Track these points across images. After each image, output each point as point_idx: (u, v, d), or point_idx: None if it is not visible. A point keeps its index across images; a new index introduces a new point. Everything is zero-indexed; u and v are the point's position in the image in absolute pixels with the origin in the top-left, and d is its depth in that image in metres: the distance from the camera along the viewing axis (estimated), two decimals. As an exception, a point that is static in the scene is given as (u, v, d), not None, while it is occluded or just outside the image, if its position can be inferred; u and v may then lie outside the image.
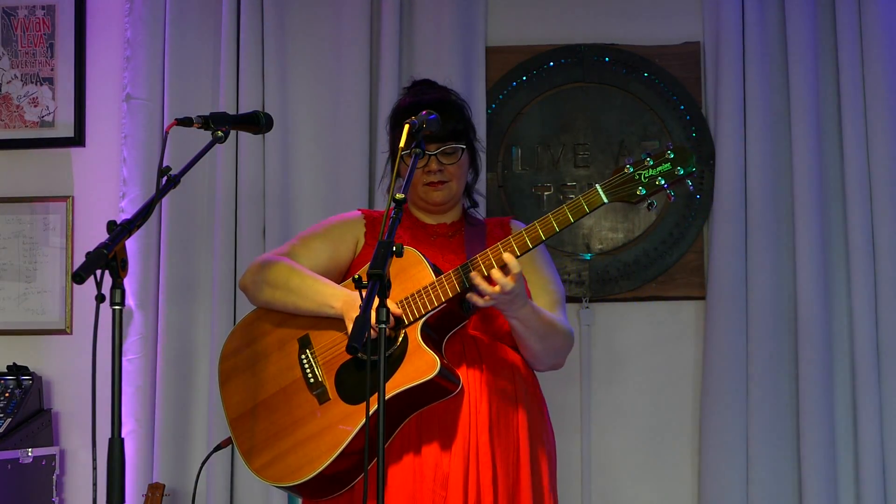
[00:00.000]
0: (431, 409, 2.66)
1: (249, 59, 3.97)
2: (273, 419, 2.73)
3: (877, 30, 3.78)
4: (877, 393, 3.72)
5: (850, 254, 3.77)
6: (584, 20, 4.03)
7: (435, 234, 2.89)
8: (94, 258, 2.07)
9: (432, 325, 2.65)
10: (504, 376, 2.74)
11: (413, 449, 2.67)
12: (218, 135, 2.48)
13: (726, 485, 3.75)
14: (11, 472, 3.72)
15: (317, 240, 2.91)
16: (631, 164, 2.59)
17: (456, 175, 2.85)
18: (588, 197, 2.59)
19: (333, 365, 2.70)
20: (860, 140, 3.78)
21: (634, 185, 2.58)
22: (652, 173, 2.58)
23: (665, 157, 2.58)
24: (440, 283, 2.62)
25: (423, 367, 2.57)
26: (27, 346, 4.10)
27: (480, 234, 2.90)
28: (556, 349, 2.81)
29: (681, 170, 2.57)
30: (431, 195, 2.84)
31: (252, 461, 2.74)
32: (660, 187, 2.58)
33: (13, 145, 4.18)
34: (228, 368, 2.85)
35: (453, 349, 2.71)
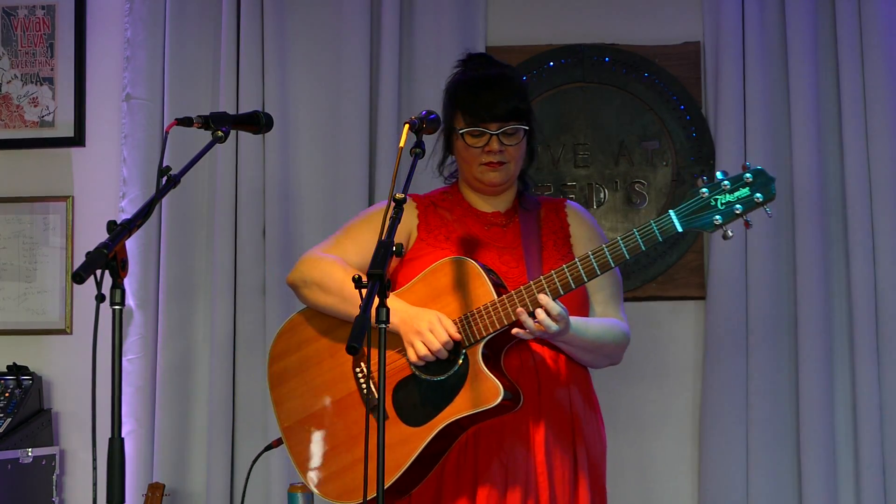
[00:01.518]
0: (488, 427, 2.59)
1: (249, 59, 3.97)
2: (329, 432, 2.66)
3: (877, 30, 3.78)
4: (877, 393, 3.72)
5: (850, 252, 3.77)
6: (584, 20, 4.03)
7: (489, 224, 2.77)
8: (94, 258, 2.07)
9: (492, 343, 2.56)
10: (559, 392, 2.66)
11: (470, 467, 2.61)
12: (218, 135, 2.48)
13: (726, 485, 3.75)
14: (11, 472, 3.72)
15: (365, 231, 2.76)
16: (706, 185, 2.42)
17: (515, 157, 2.72)
18: (661, 223, 2.44)
19: (391, 381, 2.60)
20: (860, 140, 3.78)
21: (710, 212, 2.40)
22: (729, 199, 2.39)
23: (743, 180, 2.39)
24: (503, 305, 2.52)
25: (486, 394, 2.49)
26: (27, 346, 4.10)
27: (535, 221, 2.77)
28: (606, 355, 2.75)
29: (760, 196, 2.38)
30: (488, 175, 2.71)
31: (308, 475, 2.67)
32: (737, 215, 2.39)
33: (13, 145, 4.18)
34: (279, 371, 2.76)
35: (510, 363, 2.62)
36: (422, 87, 3.97)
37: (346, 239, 2.78)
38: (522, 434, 2.60)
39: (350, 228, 2.82)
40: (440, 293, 2.60)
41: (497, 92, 2.69)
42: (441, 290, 2.61)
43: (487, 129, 2.67)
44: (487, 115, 2.66)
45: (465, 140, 2.70)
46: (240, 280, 3.95)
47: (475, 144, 2.69)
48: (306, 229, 3.99)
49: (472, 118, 2.68)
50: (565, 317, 2.51)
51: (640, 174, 3.95)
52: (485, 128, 2.67)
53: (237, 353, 3.94)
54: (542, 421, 2.62)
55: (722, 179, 2.40)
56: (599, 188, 3.96)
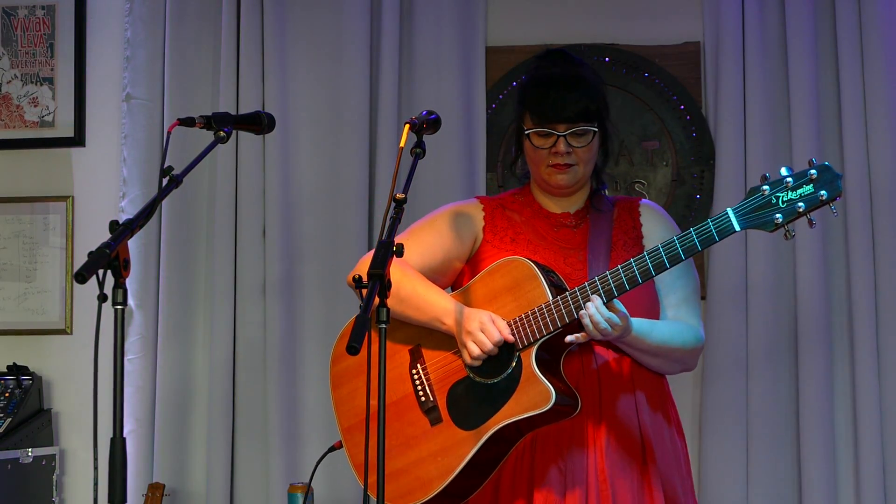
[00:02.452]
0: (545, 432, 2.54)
1: (249, 59, 3.97)
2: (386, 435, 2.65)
3: (877, 29, 3.78)
4: (877, 393, 3.72)
5: (850, 252, 3.77)
6: (584, 20, 4.03)
7: (559, 225, 2.69)
8: (96, 258, 2.06)
9: (547, 346, 2.50)
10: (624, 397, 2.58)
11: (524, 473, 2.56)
12: (220, 135, 2.47)
13: (726, 485, 3.75)
14: (11, 472, 3.72)
15: (431, 234, 2.71)
16: (768, 182, 2.32)
17: (584, 159, 2.63)
18: (718, 223, 2.35)
19: (446, 383, 2.57)
20: (860, 140, 3.78)
21: (771, 210, 2.31)
22: (791, 196, 2.30)
23: (808, 177, 2.29)
24: (556, 306, 2.46)
25: (538, 399, 2.44)
26: (27, 346, 4.10)
27: (607, 222, 2.69)
28: (676, 360, 2.64)
29: (825, 193, 2.28)
30: (555, 178, 2.64)
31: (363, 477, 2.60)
32: (800, 214, 2.30)
33: (13, 145, 4.18)
34: (339, 373, 2.73)
35: (571, 367, 2.55)
36: (422, 87, 3.97)
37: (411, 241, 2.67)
38: (582, 439, 2.54)
39: (417, 229, 2.75)
40: (496, 294, 2.56)
41: (566, 92, 2.60)
42: (497, 291, 2.56)
43: (555, 129, 2.59)
44: (554, 115, 2.58)
45: (531, 141, 2.63)
46: (240, 280, 3.95)
47: (542, 146, 2.62)
48: (306, 229, 3.99)
49: (539, 118, 2.60)
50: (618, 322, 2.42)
51: (640, 174, 3.95)
52: (552, 129, 2.59)
53: (237, 354, 3.94)
54: (602, 425, 2.55)
55: (785, 176, 2.31)
56: (599, 188, 3.96)
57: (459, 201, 2.81)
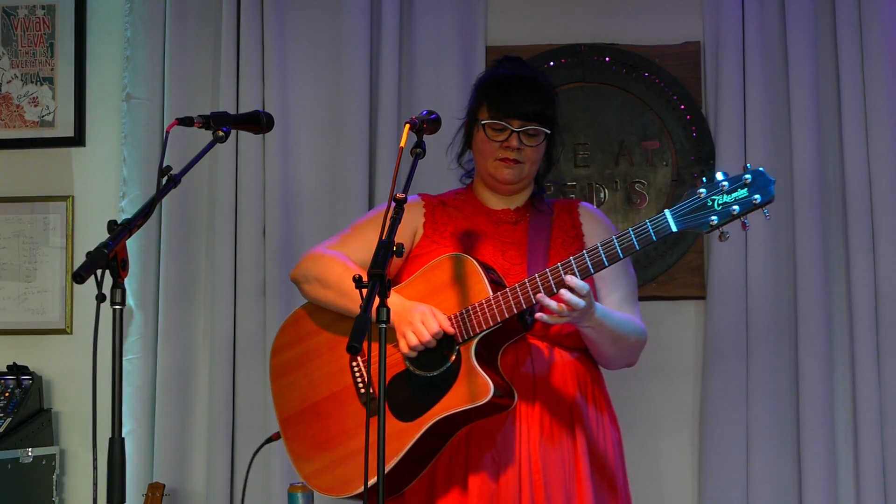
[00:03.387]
0: (483, 424, 2.60)
1: (249, 59, 3.97)
2: (323, 425, 2.68)
3: (877, 30, 3.78)
4: (877, 393, 3.72)
5: (850, 253, 3.77)
6: (584, 20, 4.03)
7: (499, 221, 2.78)
8: (94, 258, 2.07)
9: (487, 341, 2.56)
10: (558, 390, 2.66)
11: (460, 465, 2.61)
12: (219, 134, 2.48)
13: (726, 485, 3.75)
14: (11, 472, 3.72)
15: (371, 229, 2.76)
16: (704, 185, 2.40)
17: (531, 158, 2.74)
18: (656, 223, 2.44)
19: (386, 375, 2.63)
20: (860, 140, 3.78)
21: (707, 212, 2.38)
22: (726, 199, 2.37)
23: (742, 181, 2.36)
24: (496, 302, 2.52)
25: (476, 391, 2.50)
26: (27, 346, 4.10)
27: (546, 221, 2.78)
28: (628, 350, 2.74)
29: (758, 197, 2.35)
30: (501, 171, 2.73)
31: (302, 466, 2.70)
32: (734, 217, 2.37)
33: (13, 145, 4.18)
34: (279, 364, 2.79)
35: (507, 361, 2.63)
36: (422, 87, 3.97)
37: (351, 237, 2.81)
38: (515, 430, 2.61)
39: (356, 227, 2.85)
40: (438, 289, 2.62)
41: (526, 91, 2.72)
42: (439, 286, 2.62)
43: (510, 124, 2.69)
44: (512, 111, 2.68)
45: (485, 132, 2.71)
46: (240, 280, 3.95)
47: (495, 138, 2.71)
48: (306, 229, 3.99)
49: (496, 112, 2.70)
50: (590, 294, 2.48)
51: (640, 174, 3.95)
52: (507, 123, 2.69)
53: (237, 353, 3.94)
54: (536, 417, 2.62)
55: (721, 180, 2.39)
56: (599, 188, 3.96)
57: None
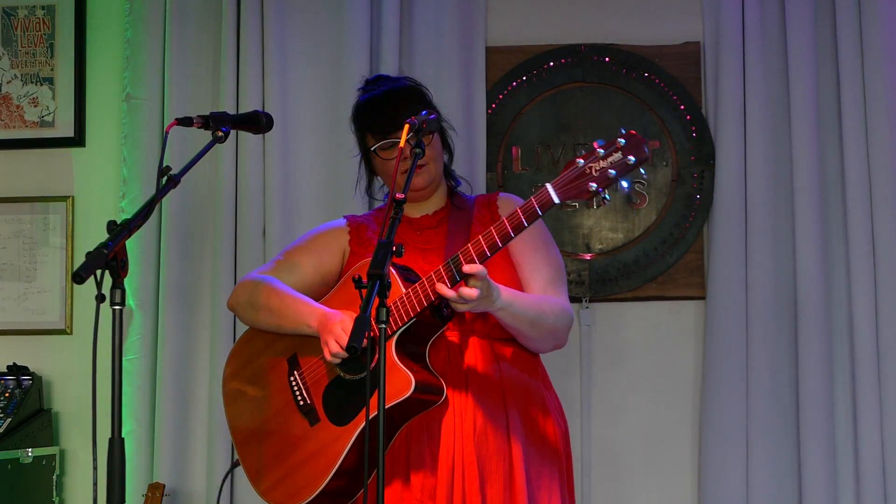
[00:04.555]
0: (419, 421, 2.64)
1: (250, 59, 3.97)
2: (273, 442, 2.75)
3: (877, 30, 3.77)
4: (877, 393, 3.72)
5: (850, 253, 3.77)
6: (584, 20, 4.03)
7: (420, 228, 2.85)
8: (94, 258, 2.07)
9: (408, 338, 2.61)
10: (491, 382, 2.71)
11: (401, 461, 2.66)
12: (218, 135, 2.48)
13: (726, 485, 3.75)
14: (11, 472, 3.72)
15: (301, 254, 2.91)
16: (582, 156, 2.44)
17: (431, 157, 2.78)
18: (539, 198, 2.48)
19: (320, 384, 2.70)
20: (860, 139, 3.78)
21: (585, 179, 2.43)
22: (603, 165, 2.42)
23: (615, 145, 2.42)
24: (408, 298, 2.58)
25: (400, 386, 2.54)
26: (27, 346, 4.10)
27: (466, 218, 2.84)
28: (550, 331, 2.74)
29: (632, 158, 2.41)
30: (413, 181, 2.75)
31: (258, 484, 2.77)
32: (612, 180, 2.42)
33: (13, 145, 4.18)
34: (230, 392, 2.87)
35: (438, 357, 2.68)
36: (422, 87, 3.97)
37: (283, 262, 2.91)
38: (451, 424, 2.65)
39: (290, 251, 2.95)
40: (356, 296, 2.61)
41: (396, 102, 2.79)
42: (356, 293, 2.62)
43: (396, 138, 2.73)
44: (391, 126, 2.74)
45: (380, 156, 2.78)
46: (240, 280, 3.94)
47: (390, 157, 2.77)
48: (306, 229, 3.95)
49: (380, 134, 2.78)
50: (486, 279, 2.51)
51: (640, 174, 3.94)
52: (394, 138, 2.75)
53: (237, 353, 3.93)
54: (470, 411, 2.66)
55: (597, 147, 2.43)
56: (599, 188, 3.95)
57: (328, 222, 2.99)
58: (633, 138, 2.42)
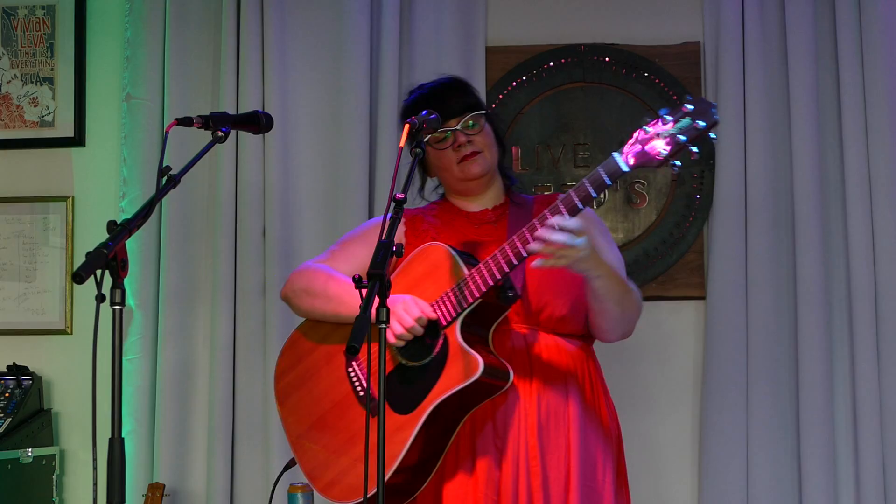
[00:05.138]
0: (484, 411, 2.60)
1: (250, 59, 3.97)
2: (330, 436, 2.69)
3: (877, 30, 3.77)
4: (877, 393, 3.72)
5: (850, 253, 3.77)
6: (584, 20, 4.03)
7: (479, 222, 2.80)
8: (94, 258, 2.07)
9: (472, 321, 2.57)
10: (555, 374, 2.66)
11: (467, 454, 2.62)
12: (218, 135, 2.48)
13: (726, 485, 3.75)
14: (11, 472, 3.72)
15: (357, 244, 2.85)
16: (648, 124, 2.41)
17: (486, 144, 2.76)
18: (607, 167, 2.44)
19: None
20: (860, 140, 3.78)
21: (654, 146, 2.40)
22: (671, 131, 2.39)
23: (683, 111, 2.38)
24: (472, 278, 2.54)
25: (466, 370, 2.50)
26: (27, 346, 4.10)
27: (525, 216, 2.76)
28: (630, 313, 2.72)
29: (702, 123, 2.38)
30: (469, 168, 2.74)
31: (316, 481, 2.71)
32: (682, 145, 2.38)
33: (13, 145, 4.18)
34: (283, 388, 2.83)
35: (503, 346, 2.63)
36: (422, 87, 3.97)
37: (338, 252, 2.87)
38: (514, 416, 2.61)
39: (343, 243, 2.90)
40: (417, 281, 2.64)
41: (446, 94, 2.78)
42: (417, 277, 2.65)
43: (448, 127, 2.72)
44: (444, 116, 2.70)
45: (433, 147, 2.75)
46: (240, 280, 3.95)
47: (443, 147, 2.75)
48: (306, 230, 3.99)
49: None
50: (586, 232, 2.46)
51: (640, 174, 3.94)
52: (445, 128, 2.72)
53: (237, 353, 3.94)
54: (534, 402, 2.62)
55: (664, 113, 2.41)
56: (599, 188, 3.95)
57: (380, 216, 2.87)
58: (701, 102, 2.39)
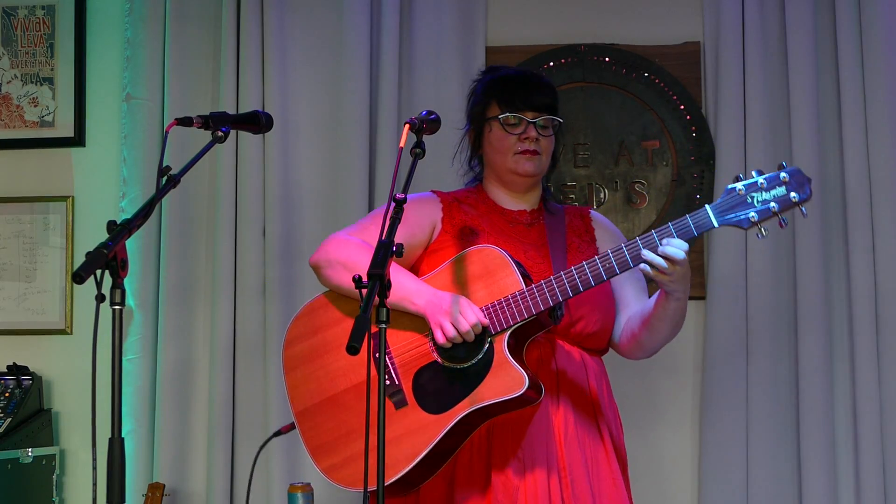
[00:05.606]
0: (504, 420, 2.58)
1: (249, 59, 3.97)
2: (343, 418, 2.64)
3: (877, 30, 3.78)
4: (877, 393, 3.72)
5: (850, 253, 3.77)
6: (584, 20, 4.03)
7: (514, 221, 2.78)
8: (93, 258, 2.07)
9: (516, 334, 2.56)
10: (581, 389, 2.66)
11: (482, 461, 2.60)
12: (218, 135, 2.48)
13: (726, 485, 3.75)
14: (11, 472, 3.72)
15: None
16: (742, 182, 2.43)
17: (547, 150, 2.76)
18: (697, 218, 2.45)
19: (411, 367, 2.60)
20: (860, 140, 3.78)
21: (746, 208, 2.42)
22: (765, 196, 2.42)
23: (780, 180, 2.41)
24: (531, 294, 2.52)
25: (511, 384, 2.49)
26: (27, 346, 4.10)
27: (560, 224, 2.78)
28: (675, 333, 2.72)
29: (796, 196, 2.40)
30: (523, 164, 2.73)
31: (320, 460, 2.66)
32: (773, 214, 2.41)
33: (13, 145, 4.18)
34: (294, 355, 2.74)
35: (531, 356, 2.62)
36: (422, 87, 3.97)
37: (372, 224, 2.75)
38: (541, 427, 2.59)
39: (376, 216, 2.80)
40: (468, 281, 2.60)
41: (535, 85, 2.76)
42: (469, 277, 2.61)
43: (525, 116, 2.71)
44: (525, 104, 2.70)
45: (503, 126, 2.72)
46: (240, 280, 3.95)
47: (512, 131, 2.72)
48: (306, 229, 3.99)
49: (510, 106, 2.72)
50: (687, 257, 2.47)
51: (640, 174, 3.95)
52: (523, 115, 2.71)
53: (237, 353, 3.94)
54: (560, 414, 2.61)
55: (759, 177, 2.42)
56: (599, 188, 3.96)
57: (417, 194, 2.82)
58: (798, 175, 2.41)
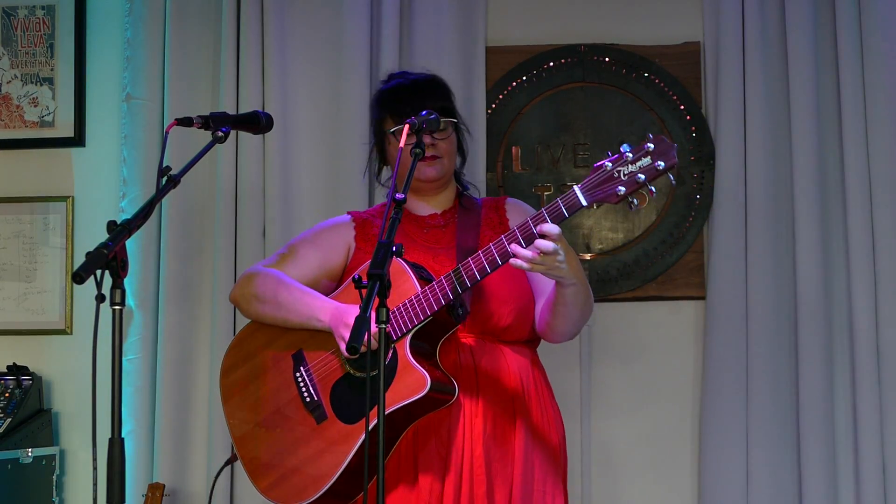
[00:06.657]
0: (427, 423, 2.63)
1: (249, 59, 3.97)
2: (274, 438, 2.72)
3: (877, 30, 3.77)
4: (877, 393, 3.72)
5: (850, 253, 3.77)
6: (584, 20, 4.03)
7: (427, 227, 2.84)
8: (93, 258, 2.07)
9: (421, 336, 2.60)
10: (501, 385, 2.70)
11: (409, 464, 2.65)
12: (218, 135, 2.48)
13: (726, 485, 3.74)
14: (11, 472, 3.72)
15: (306, 248, 2.88)
16: (610, 159, 2.43)
17: (447, 152, 2.81)
18: (566, 199, 2.46)
19: (328, 381, 2.68)
20: (860, 140, 3.78)
21: (614, 183, 2.42)
22: (631, 169, 2.41)
23: (645, 150, 2.41)
24: (425, 296, 2.56)
25: (414, 385, 2.54)
26: (27, 346, 4.10)
27: (474, 220, 2.83)
28: (587, 316, 2.73)
29: (661, 164, 2.40)
30: (425, 171, 2.78)
31: (258, 481, 2.74)
32: (640, 184, 2.41)
33: (13, 145, 4.18)
34: (229, 385, 2.84)
35: (448, 358, 2.67)
36: (422, 87, 3.97)
37: (289, 255, 2.88)
38: (459, 426, 2.64)
39: (295, 244, 2.92)
40: None
41: (421, 92, 2.80)
42: None
43: None
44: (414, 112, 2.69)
45: (398, 139, 2.74)
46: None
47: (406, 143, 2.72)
48: (306, 229, 3.98)
49: (400, 117, 2.75)
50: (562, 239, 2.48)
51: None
52: None
53: (237, 353, 3.94)
54: (480, 413, 2.65)
55: (625, 151, 2.43)
56: (599, 188, 3.95)
57: (333, 218, 2.96)
58: (662, 143, 2.42)
